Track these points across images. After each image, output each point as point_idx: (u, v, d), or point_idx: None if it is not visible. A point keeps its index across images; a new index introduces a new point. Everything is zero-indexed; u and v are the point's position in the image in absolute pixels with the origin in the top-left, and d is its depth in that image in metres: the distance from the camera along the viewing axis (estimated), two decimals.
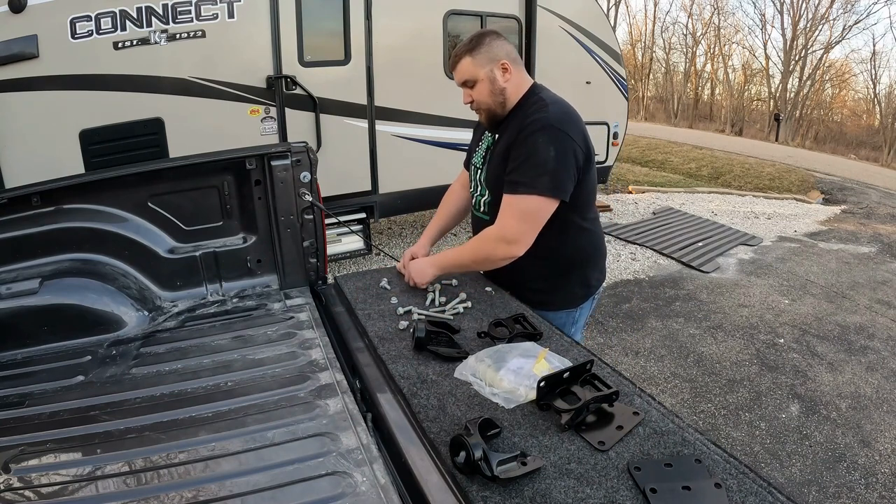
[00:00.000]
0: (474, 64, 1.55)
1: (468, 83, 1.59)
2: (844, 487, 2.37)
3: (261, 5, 3.47)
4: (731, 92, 26.01)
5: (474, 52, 1.55)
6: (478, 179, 1.74)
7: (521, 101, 1.61)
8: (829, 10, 21.76)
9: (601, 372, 1.23)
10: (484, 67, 1.55)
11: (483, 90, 1.58)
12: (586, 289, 1.75)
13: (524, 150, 1.50)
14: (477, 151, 1.76)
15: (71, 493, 1.03)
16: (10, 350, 1.58)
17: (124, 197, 1.78)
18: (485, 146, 1.71)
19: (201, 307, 1.85)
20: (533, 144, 1.49)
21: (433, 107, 4.38)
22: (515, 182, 1.50)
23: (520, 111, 1.59)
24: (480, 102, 1.60)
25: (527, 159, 1.49)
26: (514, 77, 1.59)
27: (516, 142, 1.52)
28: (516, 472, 0.93)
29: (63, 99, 3.05)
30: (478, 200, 1.75)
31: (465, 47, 1.57)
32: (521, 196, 1.49)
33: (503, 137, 1.61)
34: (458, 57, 1.58)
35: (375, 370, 1.34)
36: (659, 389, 3.06)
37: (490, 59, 1.56)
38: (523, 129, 1.51)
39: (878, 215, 7.54)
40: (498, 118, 1.63)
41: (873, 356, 3.50)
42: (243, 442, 1.15)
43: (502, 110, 1.61)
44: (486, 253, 1.58)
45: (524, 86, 1.62)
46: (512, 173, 1.52)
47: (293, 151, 1.83)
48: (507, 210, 1.53)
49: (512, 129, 1.57)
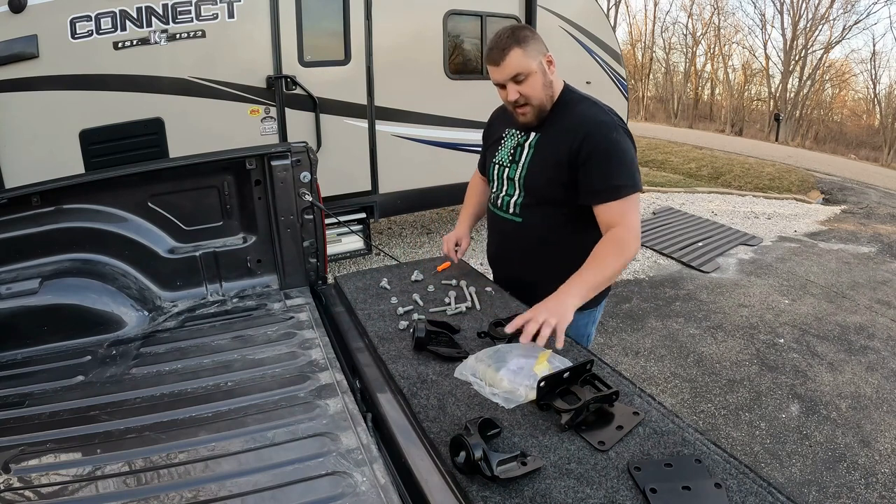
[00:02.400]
0: (526, 56, 1.45)
1: (518, 77, 1.46)
2: (844, 487, 2.37)
3: (261, 5, 3.47)
4: (731, 92, 26.00)
5: (524, 44, 1.44)
6: (504, 178, 1.64)
7: (560, 97, 1.55)
8: (829, 11, 21.76)
9: (601, 372, 1.23)
10: (535, 59, 1.46)
11: (536, 83, 1.48)
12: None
13: (609, 153, 1.44)
14: (500, 150, 1.67)
15: (71, 493, 1.03)
16: (10, 350, 1.58)
17: (124, 197, 1.78)
18: (512, 143, 1.63)
19: (201, 307, 1.85)
20: (614, 145, 1.45)
21: (433, 107, 4.38)
22: (617, 186, 1.44)
23: (565, 108, 1.53)
24: (531, 97, 1.49)
25: (620, 161, 1.45)
26: (555, 72, 1.54)
27: (587, 144, 1.44)
28: (516, 472, 0.93)
29: (63, 99, 3.05)
30: (505, 201, 1.65)
31: (512, 39, 1.44)
32: (628, 197, 1.45)
33: (548, 135, 1.54)
34: (506, 50, 1.44)
35: (375, 370, 1.34)
36: (659, 389, 3.06)
37: (538, 51, 1.47)
38: (591, 131, 1.45)
39: (878, 215, 7.53)
40: (545, 114, 1.54)
41: (873, 356, 3.50)
42: (243, 442, 1.15)
43: (550, 105, 1.54)
44: (624, 254, 1.43)
45: (561, 81, 1.58)
46: (606, 178, 1.44)
47: (293, 151, 1.83)
48: (620, 211, 1.45)
49: (563, 127, 1.50)
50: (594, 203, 1.48)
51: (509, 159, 1.63)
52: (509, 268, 1.78)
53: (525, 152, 1.59)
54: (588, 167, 1.46)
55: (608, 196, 1.46)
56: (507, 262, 1.78)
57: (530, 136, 1.59)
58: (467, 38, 4.52)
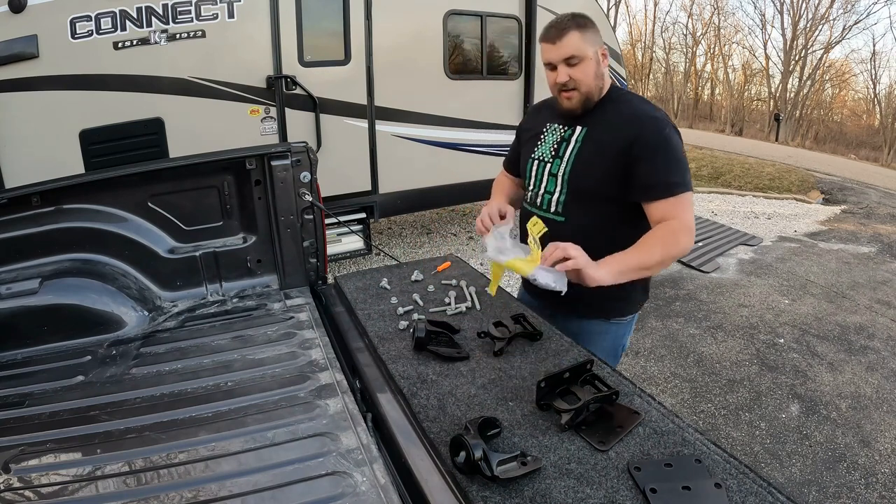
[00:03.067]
0: (584, 40, 1.43)
1: (572, 60, 1.43)
2: (844, 487, 2.37)
3: (261, 5, 3.47)
4: (731, 92, 26.01)
5: (583, 30, 1.43)
6: (544, 174, 1.57)
7: (609, 92, 1.53)
8: (829, 11, 21.77)
9: (601, 372, 1.23)
10: (592, 47, 1.44)
11: (588, 70, 1.45)
12: (644, 294, 1.66)
13: (664, 150, 1.41)
14: (541, 145, 1.61)
15: (71, 493, 1.03)
16: (10, 350, 1.58)
17: (124, 197, 1.78)
18: (555, 138, 1.57)
19: (201, 307, 1.85)
20: (668, 142, 1.42)
21: (433, 107, 4.38)
22: (671, 183, 1.40)
23: (616, 103, 1.50)
24: (581, 83, 1.46)
25: (674, 159, 1.42)
26: (607, 66, 1.51)
27: (641, 139, 1.41)
28: (516, 472, 0.93)
29: (63, 99, 3.05)
30: (546, 199, 1.57)
31: (572, 22, 1.43)
32: (682, 195, 1.41)
33: (597, 129, 1.50)
34: (566, 30, 1.42)
35: (375, 370, 1.34)
36: (659, 389, 3.06)
37: (595, 41, 1.45)
38: (646, 127, 1.42)
39: (878, 215, 7.53)
40: (591, 105, 1.51)
41: (873, 356, 3.50)
42: (243, 442, 1.15)
43: (598, 96, 1.51)
44: (676, 248, 1.39)
45: (610, 79, 1.55)
46: (660, 174, 1.41)
47: (293, 151, 1.83)
48: (676, 208, 1.40)
49: (613, 121, 1.47)
50: (647, 200, 1.43)
51: (551, 154, 1.56)
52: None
53: (570, 147, 1.53)
54: (641, 162, 1.41)
55: (662, 192, 1.41)
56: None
57: (576, 130, 1.53)
58: (467, 38, 4.52)
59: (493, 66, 4.64)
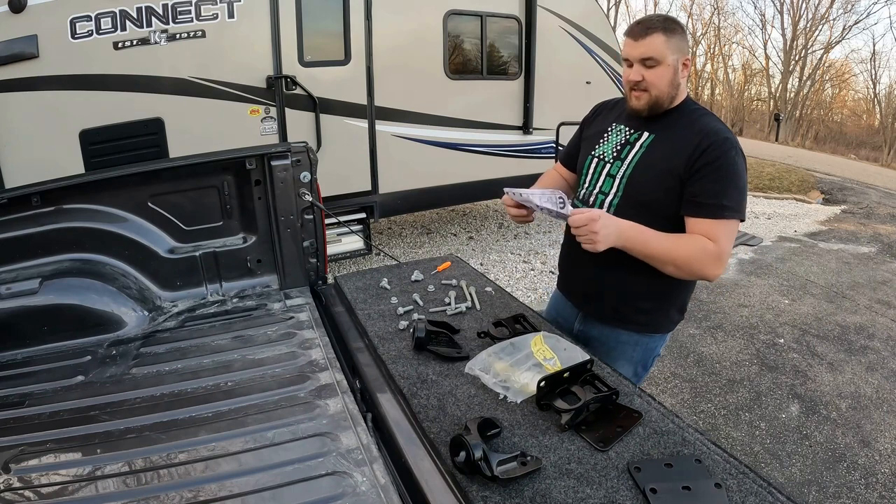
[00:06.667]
0: (667, 45, 1.38)
1: (649, 61, 1.40)
2: (844, 487, 2.37)
3: (261, 5, 3.47)
4: (731, 92, 26.03)
5: (669, 34, 1.39)
6: (602, 174, 1.54)
7: (683, 104, 1.49)
8: (829, 11, 21.77)
9: (601, 372, 1.23)
10: (675, 54, 1.40)
11: (664, 75, 1.41)
12: (680, 315, 1.61)
13: (726, 171, 1.37)
14: (603, 143, 1.56)
15: (71, 493, 1.03)
16: (10, 350, 1.58)
17: (124, 197, 1.78)
18: (618, 139, 1.53)
19: (201, 307, 1.85)
20: (733, 165, 1.38)
21: (433, 107, 4.38)
22: (723, 206, 1.37)
23: (688, 115, 1.47)
24: (653, 86, 1.42)
25: (735, 184, 1.38)
26: (686, 77, 1.47)
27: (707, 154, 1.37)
28: (516, 472, 0.93)
29: (63, 99, 3.05)
30: (599, 199, 1.53)
31: (661, 24, 1.39)
32: (729, 221, 1.39)
33: (664, 138, 1.46)
34: (651, 30, 1.38)
35: (375, 370, 1.34)
36: (659, 389, 3.06)
37: (679, 49, 1.41)
38: (715, 143, 1.38)
39: (878, 215, 7.53)
40: (659, 111, 1.47)
41: (873, 356, 3.50)
42: (243, 442, 1.15)
43: (669, 104, 1.47)
44: (699, 263, 1.37)
45: (687, 92, 1.51)
46: (715, 195, 1.37)
47: (293, 151, 1.83)
48: (718, 231, 1.38)
49: (682, 133, 1.43)
50: (694, 215, 1.40)
51: (613, 155, 1.53)
52: (586, 273, 1.61)
53: (634, 150, 1.49)
54: (700, 177, 1.38)
55: (711, 213, 1.37)
56: (584, 268, 1.60)
57: (643, 135, 1.49)
58: (467, 39, 4.52)
59: (493, 66, 4.64)
